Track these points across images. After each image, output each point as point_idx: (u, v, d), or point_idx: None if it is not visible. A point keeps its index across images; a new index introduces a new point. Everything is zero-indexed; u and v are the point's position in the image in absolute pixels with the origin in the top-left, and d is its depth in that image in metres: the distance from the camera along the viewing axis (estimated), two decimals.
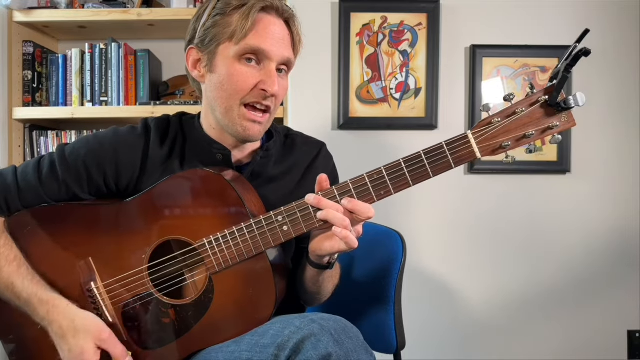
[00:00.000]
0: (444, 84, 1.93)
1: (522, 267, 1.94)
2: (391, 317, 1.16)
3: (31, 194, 0.97)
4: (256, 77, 0.94)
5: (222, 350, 0.88)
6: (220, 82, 0.96)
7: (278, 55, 0.95)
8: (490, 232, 1.94)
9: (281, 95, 0.99)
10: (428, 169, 0.85)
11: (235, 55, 0.94)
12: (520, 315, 1.94)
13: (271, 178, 1.05)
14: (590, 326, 1.94)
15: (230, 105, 0.96)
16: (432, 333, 1.94)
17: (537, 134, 0.82)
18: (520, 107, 0.83)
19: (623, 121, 1.93)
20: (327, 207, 0.84)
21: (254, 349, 0.82)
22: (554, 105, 0.80)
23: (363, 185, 0.86)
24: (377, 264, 1.21)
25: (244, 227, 0.89)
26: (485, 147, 0.84)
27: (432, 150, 0.85)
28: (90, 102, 1.89)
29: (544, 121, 0.82)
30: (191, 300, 0.93)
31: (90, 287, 0.94)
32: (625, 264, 1.93)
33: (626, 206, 1.93)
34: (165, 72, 2.08)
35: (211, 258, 0.90)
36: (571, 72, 0.78)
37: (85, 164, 0.97)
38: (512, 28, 1.92)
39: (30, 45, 1.91)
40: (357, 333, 0.82)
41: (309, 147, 1.12)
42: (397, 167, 0.86)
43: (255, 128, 0.97)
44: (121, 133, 1.02)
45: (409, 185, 0.86)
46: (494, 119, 0.84)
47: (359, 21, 1.90)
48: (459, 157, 0.84)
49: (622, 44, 1.92)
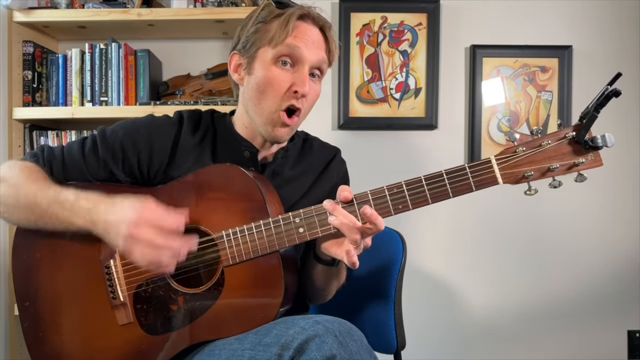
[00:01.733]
0: (444, 84, 1.93)
1: (523, 267, 1.94)
2: (391, 317, 1.16)
3: (74, 168, 1.03)
4: (289, 80, 0.99)
5: (225, 347, 0.88)
6: (256, 84, 1.01)
7: (311, 57, 1.00)
8: (491, 233, 1.94)
9: (311, 99, 1.03)
10: (448, 188, 0.86)
11: (272, 58, 0.99)
12: (520, 315, 1.94)
13: (287, 179, 1.09)
14: (590, 326, 1.94)
15: (267, 106, 1.00)
16: (432, 333, 1.94)
17: (562, 169, 0.83)
18: (547, 140, 0.83)
19: (623, 121, 1.93)
20: (341, 216, 0.86)
21: (257, 348, 0.82)
22: (581, 143, 0.82)
23: (382, 197, 0.88)
24: (378, 264, 1.22)
25: (262, 225, 0.91)
26: (507, 175, 0.85)
27: (454, 170, 0.86)
28: (90, 102, 1.89)
29: (570, 157, 0.83)
30: (201, 290, 0.94)
31: (108, 264, 0.97)
32: (625, 263, 1.93)
33: (626, 206, 1.94)
34: (165, 72, 2.08)
35: (227, 251, 0.93)
36: (600, 112, 0.80)
37: (122, 145, 1.03)
38: (512, 28, 1.92)
39: (30, 45, 1.91)
40: (361, 336, 0.82)
41: (324, 151, 1.17)
42: (418, 184, 0.87)
43: (284, 131, 1.02)
44: (157, 120, 1.09)
45: (427, 203, 0.87)
46: (519, 148, 0.84)
47: (359, 21, 1.90)
48: (481, 181, 0.85)
49: (622, 44, 1.92)
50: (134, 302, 0.97)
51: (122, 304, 0.97)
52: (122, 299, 0.97)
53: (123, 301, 0.97)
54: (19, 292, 1.01)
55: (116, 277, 0.97)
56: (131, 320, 0.96)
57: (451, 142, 1.94)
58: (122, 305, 0.97)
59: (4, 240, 1.81)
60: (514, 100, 1.93)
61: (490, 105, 1.92)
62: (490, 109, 1.92)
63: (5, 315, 1.82)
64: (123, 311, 0.97)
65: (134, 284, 0.97)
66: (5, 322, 1.82)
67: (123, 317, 0.97)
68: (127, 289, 0.97)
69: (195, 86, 1.93)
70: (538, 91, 1.92)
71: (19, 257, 1.01)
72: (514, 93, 1.93)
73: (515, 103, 1.93)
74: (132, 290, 0.97)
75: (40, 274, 1.00)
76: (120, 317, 0.97)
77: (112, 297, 0.97)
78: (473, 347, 1.95)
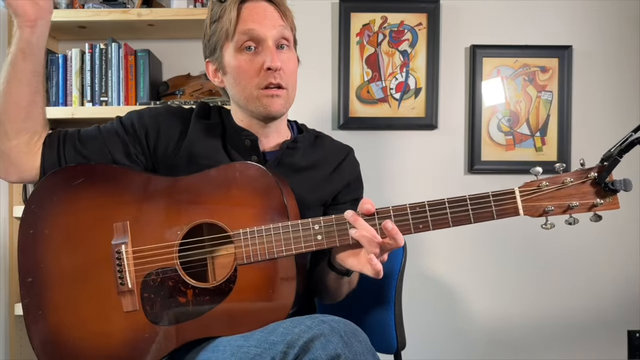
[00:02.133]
0: (444, 84, 1.93)
1: (523, 268, 1.94)
2: (391, 318, 1.16)
3: (90, 138, 1.07)
4: (259, 60, 1.00)
5: (230, 344, 0.88)
6: (233, 78, 1.04)
7: (269, 32, 1.00)
8: (491, 234, 1.94)
9: (290, 70, 1.04)
10: (470, 214, 0.88)
11: (235, 49, 1.01)
12: (520, 315, 1.94)
13: (298, 168, 1.09)
14: (590, 326, 1.94)
15: (248, 93, 1.02)
16: (432, 333, 1.94)
17: (582, 208, 0.87)
18: (570, 178, 0.87)
19: (623, 121, 1.93)
20: (362, 229, 0.86)
21: (262, 345, 0.82)
22: (601, 185, 0.85)
23: (404, 214, 0.89)
24: None
25: (280, 227, 0.92)
26: (529, 207, 0.87)
27: (477, 197, 0.88)
28: (90, 102, 1.89)
29: (589, 197, 0.87)
30: (212, 285, 0.94)
31: (120, 249, 0.97)
32: (625, 263, 1.93)
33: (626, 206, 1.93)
34: (165, 72, 2.08)
35: (242, 249, 0.92)
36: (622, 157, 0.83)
37: (133, 122, 1.08)
38: (512, 28, 1.92)
39: None
40: (365, 337, 0.82)
41: (337, 149, 1.18)
42: (441, 206, 0.88)
43: (276, 102, 1.02)
44: (167, 106, 1.14)
45: (447, 226, 0.88)
46: (542, 182, 0.87)
47: (359, 21, 1.90)
48: (502, 210, 0.87)
49: (622, 44, 1.92)
50: (142, 290, 0.96)
51: (129, 290, 0.96)
52: (130, 285, 0.96)
53: (131, 288, 0.96)
54: (22, 266, 1.00)
55: (126, 263, 0.96)
56: (137, 308, 0.96)
57: (451, 142, 1.94)
58: (129, 292, 0.96)
59: (3, 240, 1.81)
60: (514, 100, 1.93)
61: (490, 105, 1.92)
62: (490, 109, 1.92)
63: (5, 315, 1.82)
64: (129, 298, 0.96)
65: (143, 272, 0.96)
66: (5, 322, 1.82)
67: (129, 304, 0.96)
68: (136, 275, 0.96)
69: (195, 86, 1.93)
70: (538, 91, 1.92)
71: (25, 232, 1.00)
72: (514, 93, 1.93)
73: (515, 103, 1.93)
74: (141, 277, 0.96)
75: (47, 251, 0.99)
76: (126, 303, 0.96)
77: (120, 282, 0.96)
78: (473, 347, 1.95)
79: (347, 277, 0.99)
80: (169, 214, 0.97)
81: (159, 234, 0.97)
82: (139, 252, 0.97)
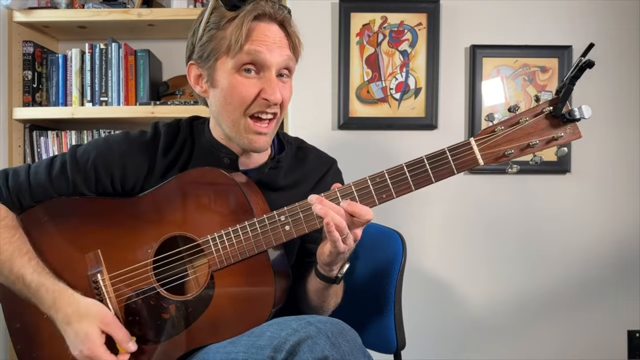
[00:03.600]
0: (444, 84, 1.93)
1: (522, 267, 1.94)
2: (391, 317, 1.16)
3: (41, 190, 1.00)
4: (257, 87, 0.94)
5: (219, 351, 0.88)
6: (223, 97, 0.96)
7: (276, 61, 0.94)
8: (490, 233, 1.94)
9: (286, 101, 0.99)
10: (430, 174, 0.86)
11: (234, 67, 0.94)
12: (521, 315, 1.94)
13: (279, 188, 1.06)
14: (590, 326, 1.94)
15: (235, 118, 0.96)
16: (432, 333, 1.94)
17: (542, 144, 0.83)
18: (524, 117, 0.83)
19: (623, 121, 1.93)
20: (327, 207, 0.85)
21: (250, 350, 0.81)
22: (558, 117, 0.82)
23: (365, 188, 0.87)
24: (377, 264, 1.21)
25: (247, 225, 0.90)
26: (487, 155, 0.85)
27: (434, 155, 0.86)
28: (90, 102, 1.89)
29: (548, 132, 0.83)
30: (192, 296, 0.93)
31: (96, 278, 0.96)
32: (625, 263, 1.93)
33: (626, 206, 1.93)
34: (165, 72, 2.08)
35: (214, 255, 0.92)
36: (575, 84, 0.80)
37: (95, 166, 1.00)
38: (512, 28, 1.92)
39: (30, 45, 1.91)
40: (354, 336, 0.81)
41: (319, 162, 1.12)
42: (400, 171, 0.87)
43: (261, 140, 0.97)
44: (131, 138, 1.04)
45: (410, 190, 0.86)
46: (497, 127, 0.84)
47: (359, 21, 1.90)
48: (462, 163, 0.85)
49: (621, 44, 1.92)
50: (126, 315, 0.96)
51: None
52: (112, 312, 0.95)
53: (114, 314, 0.95)
54: (7, 313, 1.00)
55: (105, 291, 0.96)
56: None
57: (451, 142, 1.90)
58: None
59: None
60: (513, 100, 1.92)
61: (490, 105, 1.92)
62: (490, 109, 1.92)
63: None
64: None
65: (123, 296, 0.96)
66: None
67: None
68: (117, 302, 0.96)
69: None
70: (538, 91, 1.92)
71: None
72: (514, 93, 1.92)
73: (515, 103, 1.93)
74: (123, 302, 0.96)
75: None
76: None
77: None
78: (473, 348, 1.95)
79: (335, 284, 0.96)
80: (137, 234, 0.96)
81: (131, 256, 0.96)
82: (115, 277, 0.96)
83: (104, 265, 0.97)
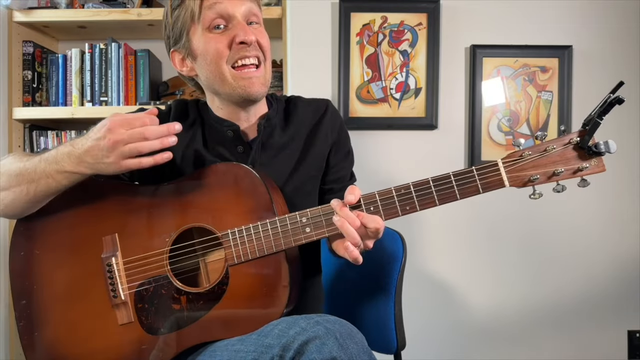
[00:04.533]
0: (444, 84, 1.93)
1: (523, 268, 1.94)
2: (391, 317, 1.16)
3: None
4: (229, 36, 0.97)
5: (228, 348, 0.88)
6: (204, 60, 0.99)
7: (237, 8, 0.98)
8: (491, 233, 1.94)
9: (264, 44, 1.01)
10: (456, 190, 0.87)
11: (203, 29, 0.98)
12: (521, 315, 1.94)
13: (279, 146, 1.07)
14: (590, 326, 1.94)
15: (220, 73, 0.99)
16: (432, 333, 1.94)
17: (567, 173, 0.86)
18: (552, 145, 0.86)
19: (623, 121, 1.93)
20: (344, 217, 0.86)
21: (259, 349, 0.82)
22: (584, 149, 0.84)
23: (389, 198, 0.88)
24: (378, 264, 1.21)
25: (268, 223, 0.91)
26: (514, 178, 0.86)
27: (461, 173, 0.87)
28: (90, 102, 1.89)
29: (574, 162, 0.86)
30: (204, 289, 0.93)
31: (110, 261, 0.96)
32: (625, 264, 1.93)
33: (626, 206, 1.93)
34: (165, 72, 2.08)
35: (232, 249, 0.92)
36: (603, 119, 0.83)
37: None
38: (512, 28, 1.92)
39: (30, 45, 1.91)
40: (361, 338, 0.82)
41: (312, 107, 1.13)
42: (425, 185, 0.88)
43: (254, 83, 0.99)
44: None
45: (434, 205, 0.88)
46: (525, 152, 0.86)
47: (359, 21, 1.90)
48: (487, 184, 0.87)
49: (622, 44, 1.92)
50: (135, 301, 0.96)
51: (123, 302, 0.95)
52: (123, 297, 0.95)
53: (124, 300, 0.95)
54: (15, 289, 1.00)
55: (117, 275, 0.96)
56: (132, 320, 0.95)
57: (451, 142, 1.93)
58: (122, 304, 0.95)
59: (3, 238, 1.81)
60: (514, 100, 1.92)
61: (490, 105, 1.92)
62: (490, 109, 1.92)
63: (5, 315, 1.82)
64: (124, 310, 0.95)
65: (135, 282, 0.96)
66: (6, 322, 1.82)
67: (123, 316, 0.95)
68: (128, 287, 0.96)
69: None
70: (538, 91, 1.92)
71: (16, 255, 1.00)
72: (514, 93, 1.92)
73: (515, 103, 1.93)
74: (134, 288, 0.96)
75: (38, 272, 0.99)
76: (121, 316, 0.95)
77: (112, 295, 0.96)
78: (474, 348, 1.95)
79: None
80: (157, 222, 0.97)
81: (148, 243, 0.96)
82: (129, 262, 0.96)
83: (120, 250, 0.96)
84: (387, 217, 0.88)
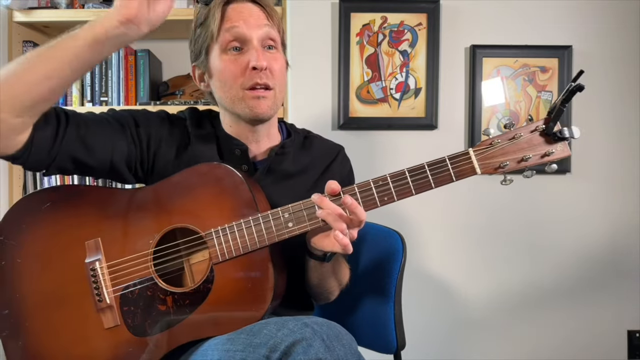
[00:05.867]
0: (444, 84, 1.93)
1: (522, 267, 1.94)
2: (391, 317, 1.16)
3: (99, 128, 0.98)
4: (245, 60, 0.99)
5: (218, 348, 0.87)
6: (218, 80, 1.03)
7: (254, 31, 1.00)
8: (490, 232, 1.94)
9: (278, 71, 1.03)
10: (430, 180, 0.91)
11: (221, 50, 1.01)
12: (520, 315, 1.94)
13: (287, 175, 1.08)
14: (590, 326, 1.94)
15: (233, 94, 1.01)
16: (432, 333, 1.94)
17: (536, 158, 0.90)
18: (520, 133, 0.90)
19: (623, 121, 1.93)
20: (328, 208, 0.87)
21: (247, 349, 0.82)
22: (550, 135, 0.88)
23: (368, 190, 0.91)
24: (378, 264, 1.22)
25: (251, 220, 0.92)
26: (485, 165, 0.91)
27: (435, 162, 0.91)
28: (90, 102, 1.89)
29: (541, 147, 0.90)
30: (190, 289, 0.93)
31: (94, 266, 0.96)
32: (625, 263, 1.93)
33: (626, 206, 1.93)
34: (165, 72, 2.08)
35: (215, 248, 0.92)
36: (566, 107, 0.87)
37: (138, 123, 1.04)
38: (512, 28, 1.92)
39: (30, 45, 1.91)
40: (350, 340, 0.82)
41: (327, 149, 1.16)
42: (402, 176, 0.92)
43: (262, 104, 1.01)
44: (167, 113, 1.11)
45: (411, 194, 0.91)
46: (495, 140, 0.90)
47: (359, 21, 1.90)
48: (460, 172, 0.91)
49: (621, 44, 1.92)
50: (121, 304, 0.95)
51: (109, 306, 0.94)
52: (108, 301, 0.94)
53: (109, 303, 0.94)
54: None
55: (102, 279, 0.95)
56: (118, 323, 0.94)
57: (451, 142, 1.93)
58: (108, 307, 0.94)
59: None
60: (513, 100, 1.93)
61: (490, 105, 1.92)
62: (490, 109, 1.92)
63: None
64: (109, 314, 0.94)
65: (120, 285, 0.95)
66: None
67: (109, 319, 0.94)
68: (113, 290, 0.95)
69: (195, 86, 1.93)
70: (538, 91, 1.92)
71: None
72: (514, 93, 1.92)
73: (515, 103, 1.93)
74: (119, 292, 0.95)
75: (20, 281, 0.97)
76: (107, 320, 0.95)
77: (97, 300, 0.95)
78: (473, 347, 1.95)
79: (325, 262, 0.98)
80: (140, 224, 0.96)
81: (132, 245, 0.96)
82: (113, 266, 0.96)
83: (103, 254, 0.96)
84: (367, 208, 0.90)
